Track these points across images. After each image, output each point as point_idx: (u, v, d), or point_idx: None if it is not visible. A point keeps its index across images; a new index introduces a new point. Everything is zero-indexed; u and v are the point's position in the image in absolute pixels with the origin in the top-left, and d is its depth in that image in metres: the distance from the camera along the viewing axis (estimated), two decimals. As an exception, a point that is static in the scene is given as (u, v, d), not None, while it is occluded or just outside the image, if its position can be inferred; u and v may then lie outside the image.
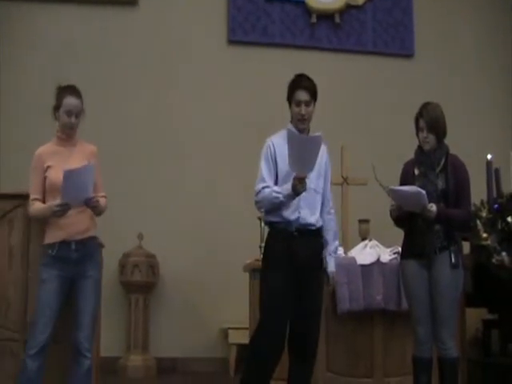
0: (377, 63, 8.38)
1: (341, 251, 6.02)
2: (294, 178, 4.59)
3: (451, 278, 4.84)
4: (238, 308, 6.33)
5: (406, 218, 4.95)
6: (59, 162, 4.77)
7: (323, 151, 4.89)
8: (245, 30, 8.16)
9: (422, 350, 4.88)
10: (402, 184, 5.02)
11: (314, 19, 8.26)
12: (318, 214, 4.84)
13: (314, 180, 4.81)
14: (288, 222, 4.73)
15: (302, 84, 4.87)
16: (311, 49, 8.30)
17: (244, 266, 5.96)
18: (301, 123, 4.81)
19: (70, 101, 4.82)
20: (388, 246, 6.04)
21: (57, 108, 4.84)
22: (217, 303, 5.93)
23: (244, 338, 4.62)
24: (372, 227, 6.80)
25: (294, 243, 4.69)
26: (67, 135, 4.88)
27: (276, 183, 4.77)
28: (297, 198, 4.69)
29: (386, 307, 5.74)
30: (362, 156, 6.85)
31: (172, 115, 7.80)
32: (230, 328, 7.11)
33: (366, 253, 5.99)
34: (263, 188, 4.75)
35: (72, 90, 4.88)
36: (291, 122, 4.88)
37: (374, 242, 6.15)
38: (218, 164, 5.86)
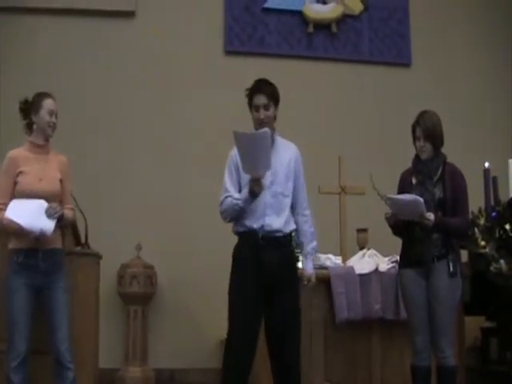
0: (373, 72, 8.39)
1: (339, 260, 6.04)
2: (250, 181, 4.57)
3: (449, 287, 4.84)
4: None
5: (403, 225, 4.95)
6: (35, 169, 4.76)
7: (292, 153, 4.90)
8: (241, 40, 8.17)
9: (421, 359, 4.88)
10: (399, 193, 5.03)
11: (310, 29, 8.27)
12: (285, 218, 4.75)
13: (281, 183, 4.75)
14: (253, 231, 4.67)
15: (259, 88, 4.81)
16: (308, 58, 8.30)
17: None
18: (261, 128, 4.63)
19: (50, 102, 4.83)
20: (386, 255, 6.05)
21: (36, 110, 4.81)
22: (215, 314, 5.90)
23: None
24: (370, 236, 6.80)
25: (260, 252, 4.62)
26: (46, 136, 4.85)
27: (240, 191, 4.74)
28: (262, 205, 4.65)
29: (385, 316, 5.75)
30: (360, 165, 6.85)
31: (169, 126, 7.80)
32: (228, 338, 7.12)
33: (364, 262, 6.00)
34: (225, 198, 4.75)
35: (48, 93, 4.90)
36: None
37: (372, 251, 6.16)
38: (217, 175, 5.83)
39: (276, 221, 4.69)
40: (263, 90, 4.79)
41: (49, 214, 4.62)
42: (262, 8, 8.20)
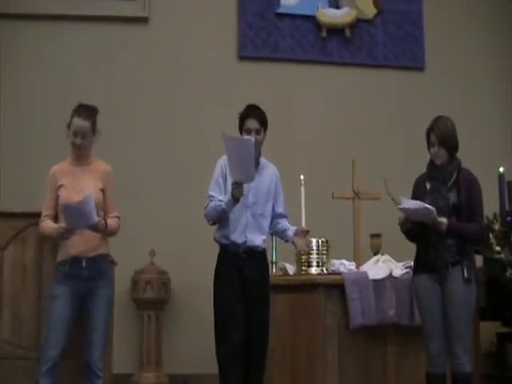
0: (388, 76, 8.37)
1: (353, 266, 6.02)
2: (232, 184, 4.80)
3: (464, 293, 4.83)
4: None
5: (417, 231, 4.94)
6: (72, 181, 4.84)
7: (273, 174, 5.17)
8: (255, 45, 8.17)
9: (435, 366, 4.86)
10: (413, 198, 5.01)
11: (324, 33, 8.25)
12: (264, 236, 5.08)
13: (262, 205, 5.05)
14: (235, 245, 4.95)
15: (251, 113, 5.06)
16: (322, 63, 8.29)
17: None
18: None
19: (75, 121, 4.86)
20: (400, 261, 6.02)
21: (68, 126, 4.89)
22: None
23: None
24: (384, 242, 6.77)
25: (241, 264, 4.93)
26: (76, 155, 4.91)
27: None
28: (243, 225, 4.95)
29: (399, 322, 5.72)
30: (374, 170, 6.82)
31: (182, 132, 7.80)
32: (242, 344, 7.11)
33: (378, 267, 5.97)
34: (210, 201, 5.02)
35: (81, 110, 4.92)
36: None
37: (386, 257, 6.13)
38: (230, 180, 5.90)
39: (257, 238, 4.99)
40: (256, 115, 5.06)
41: (91, 227, 4.71)
42: (275, 13, 8.19)
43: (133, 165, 7.59)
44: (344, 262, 6.02)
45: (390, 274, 5.85)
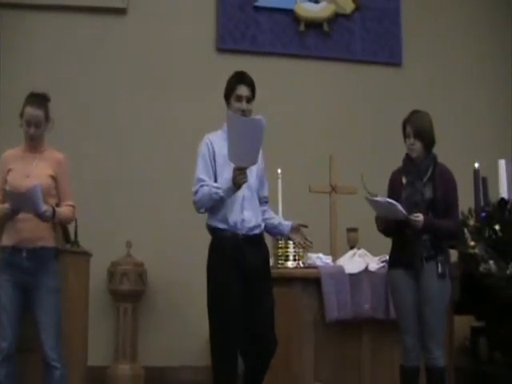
0: (366, 72, 8.40)
1: (329, 260, 6.04)
2: (234, 169, 4.38)
3: (439, 288, 4.86)
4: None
5: (393, 230, 4.97)
6: (21, 166, 4.81)
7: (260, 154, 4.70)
8: (234, 38, 8.16)
9: (410, 359, 4.90)
10: (389, 192, 5.04)
11: (302, 28, 8.27)
12: (260, 216, 4.69)
13: (254, 179, 4.66)
14: (235, 228, 4.53)
15: (244, 79, 4.74)
16: (300, 57, 8.30)
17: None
18: None
19: (27, 110, 4.81)
20: (376, 255, 6.05)
21: (21, 115, 4.85)
22: (205, 312, 5.86)
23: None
24: (360, 236, 6.80)
25: (241, 248, 4.51)
26: (29, 144, 4.88)
27: (215, 181, 4.56)
28: (240, 198, 4.54)
29: (374, 316, 5.74)
30: (351, 164, 6.86)
31: (159, 124, 7.79)
32: (218, 336, 7.11)
33: (355, 261, 5.99)
34: (201, 186, 4.54)
35: (33, 98, 4.86)
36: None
37: (363, 251, 6.16)
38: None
39: (253, 215, 4.60)
40: (248, 82, 4.73)
41: (36, 214, 4.65)
42: (254, 6, 8.19)
43: (109, 156, 7.58)
44: (320, 255, 6.03)
45: (366, 268, 5.88)
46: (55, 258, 4.87)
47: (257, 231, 4.61)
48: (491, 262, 5.85)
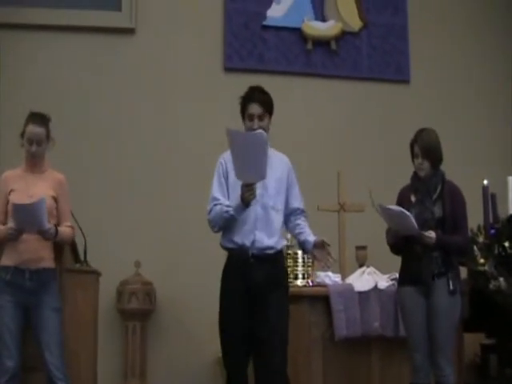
0: (373, 89, 8.39)
1: (338, 278, 6.03)
2: (242, 186, 4.31)
3: (449, 305, 4.85)
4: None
5: (402, 245, 4.96)
6: (23, 186, 4.82)
7: (285, 166, 4.74)
8: (241, 56, 8.17)
9: (420, 377, 4.88)
10: (397, 209, 5.04)
11: (309, 46, 8.27)
12: (277, 235, 4.55)
13: (272, 197, 4.55)
14: (243, 248, 4.45)
15: (253, 97, 4.67)
16: (307, 75, 8.30)
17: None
18: None
19: (29, 128, 4.83)
20: (385, 273, 6.04)
21: (23, 136, 4.87)
22: (214, 331, 5.84)
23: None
24: (369, 254, 6.80)
25: (250, 270, 4.42)
26: (31, 163, 4.89)
27: (228, 199, 4.52)
28: (252, 219, 4.44)
29: (384, 334, 5.73)
30: (359, 182, 6.85)
31: (168, 143, 7.80)
32: (226, 356, 7.08)
33: (364, 279, 5.99)
34: (214, 205, 4.51)
35: (35, 117, 4.89)
36: None
37: (372, 269, 6.15)
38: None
39: (267, 237, 4.48)
40: (258, 99, 4.65)
41: (42, 235, 4.68)
42: (261, 25, 8.21)
43: (117, 174, 7.58)
44: (329, 274, 6.02)
45: (376, 286, 5.87)
46: (55, 279, 4.89)
47: (270, 251, 4.50)
48: (501, 279, 5.84)
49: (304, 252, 5.00)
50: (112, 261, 6.82)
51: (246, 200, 4.34)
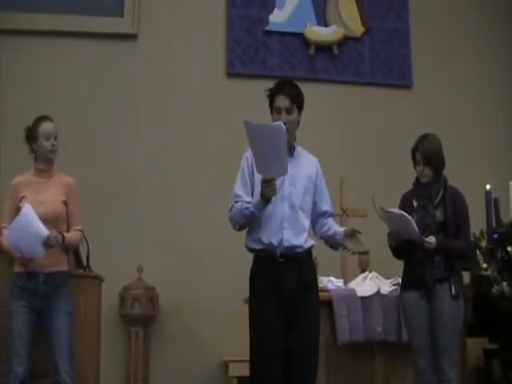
0: (375, 94, 8.39)
1: (340, 283, 6.03)
2: (262, 181, 4.16)
3: (452, 310, 4.85)
4: (239, 340, 6.30)
5: (404, 249, 4.96)
6: (34, 193, 4.83)
7: (314, 166, 4.60)
8: (244, 62, 8.18)
9: (423, 382, 4.88)
10: (400, 215, 5.04)
11: (312, 51, 8.28)
12: (305, 234, 4.39)
13: (300, 196, 4.41)
14: (271, 247, 4.29)
15: (282, 89, 4.48)
16: (310, 80, 8.29)
17: (245, 298, 5.92)
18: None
19: (44, 125, 4.89)
20: (388, 278, 6.05)
21: (34, 138, 4.88)
22: (217, 335, 5.91)
23: (245, 370, 4.53)
24: (372, 259, 6.78)
25: (279, 271, 4.24)
26: (48, 161, 4.91)
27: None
28: (279, 219, 4.29)
29: (387, 338, 5.73)
30: (362, 187, 6.86)
31: (170, 148, 7.80)
32: (230, 361, 7.07)
33: (366, 284, 5.99)
34: (236, 202, 4.37)
35: (44, 116, 4.95)
36: None
37: (374, 274, 6.16)
38: (219, 198, 5.87)
39: (294, 236, 4.32)
40: (286, 92, 4.47)
41: (46, 245, 4.65)
42: (263, 30, 8.22)
43: (121, 181, 7.58)
44: (332, 278, 6.03)
45: (378, 291, 5.87)
46: (68, 282, 4.91)
47: (298, 250, 4.34)
48: (504, 283, 5.84)
49: (334, 247, 4.69)
50: (114, 266, 6.82)
51: (266, 196, 4.18)
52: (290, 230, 4.33)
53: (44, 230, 4.63)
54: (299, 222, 4.38)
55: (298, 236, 4.35)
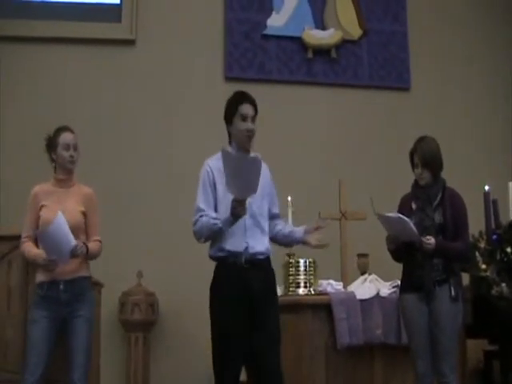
0: (373, 97, 8.40)
1: (340, 286, 6.03)
2: (233, 201, 4.23)
3: (451, 312, 4.85)
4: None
5: (403, 251, 4.96)
6: (54, 202, 4.84)
7: (265, 169, 4.54)
8: (242, 66, 8.19)
9: (423, 384, 4.88)
10: (398, 217, 5.04)
11: (310, 54, 8.29)
12: (266, 237, 4.52)
13: (258, 203, 4.46)
14: (236, 254, 4.36)
15: (246, 98, 4.55)
16: (308, 84, 8.32)
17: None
18: (248, 140, 4.51)
19: (64, 135, 4.92)
20: (387, 280, 6.04)
21: (54, 148, 4.89)
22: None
23: (244, 375, 4.57)
24: (371, 261, 6.80)
25: (245, 277, 4.33)
26: (68, 171, 4.94)
27: (216, 210, 4.43)
28: (242, 229, 4.37)
29: (386, 341, 5.73)
30: (360, 190, 6.86)
31: (170, 153, 7.81)
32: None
33: (366, 287, 5.99)
34: (200, 216, 4.41)
35: (65, 127, 4.99)
36: (230, 143, 4.63)
37: (374, 277, 6.15)
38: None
39: (258, 243, 4.42)
40: (251, 101, 4.55)
41: (72, 255, 4.69)
42: (261, 34, 8.23)
43: (119, 186, 7.59)
44: (331, 282, 6.03)
45: (378, 294, 5.87)
46: (90, 288, 4.96)
47: (261, 257, 4.44)
48: (503, 284, 5.83)
49: (288, 245, 4.93)
50: (114, 272, 6.83)
51: (238, 215, 4.27)
52: (253, 237, 4.42)
53: (72, 239, 4.68)
54: (260, 228, 4.48)
55: (261, 243, 4.45)
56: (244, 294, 4.32)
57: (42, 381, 4.69)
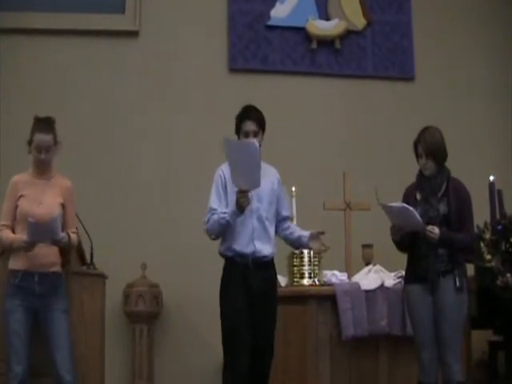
0: (377, 87, 8.37)
1: (344, 276, 6.03)
2: (237, 192, 4.62)
3: (456, 302, 4.85)
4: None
5: (407, 241, 4.96)
6: (33, 193, 4.85)
7: (274, 177, 5.01)
8: (246, 57, 8.16)
9: (427, 375, 4.88)
10: (403, 208, 5.03)
11: (314, 45, 8.25)
12: (272, 243, 4.90)
13: (266, 209, 4.86)
14: (243, 255, 4.76)
15: (249, 115, 4.95)
16: (312, 75, 8.30)
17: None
18: None
19: (37, 137, 4.85)
20: (392, 271, 6.04)
21: (30, 144, 4.88)
22: (221, 332, 5.87)
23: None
24: (376, 252, 6.78)
25: (249, 275, 4.74)
26: (40, 170, 4.92)
27: None
28: (250, 230, 4.76)
29: (391, 332, 5.73)
30: (365, 181, 6.85)
31: (174, 145, 7.79)
32: (234, 357, 7.08)
33: (370, 278, 5.99)
34: (212, 215, 4.81)
35: (41, 125, 4.91)
36: None
37: (378, 267, 6.16)
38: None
39: (265, 247, 4.81)
40: (253, 117, 4.93)
41: (55, 243, 4.74)
42: (265, 25, 8.20)
43: (123, 177, 7.58)
44: (336, 272, 6.03)
45: (382, 285, 5.87)
46: (63, 282, 4.93)
47: (266, 259, 4.84)
48: (508, 275, 5.83)
49: (296, 248, 5.34)
50: (118, 263, 6.83)
51: (241, 206, 4.63)
52: (260, 239, 4.81)
53: (60, 234, 4.72)
54: (266, 231, 4.87)
55: (266, 248, 4.84)
56: (247, 292, 4.74)
57: (31, 373, 4.70)
